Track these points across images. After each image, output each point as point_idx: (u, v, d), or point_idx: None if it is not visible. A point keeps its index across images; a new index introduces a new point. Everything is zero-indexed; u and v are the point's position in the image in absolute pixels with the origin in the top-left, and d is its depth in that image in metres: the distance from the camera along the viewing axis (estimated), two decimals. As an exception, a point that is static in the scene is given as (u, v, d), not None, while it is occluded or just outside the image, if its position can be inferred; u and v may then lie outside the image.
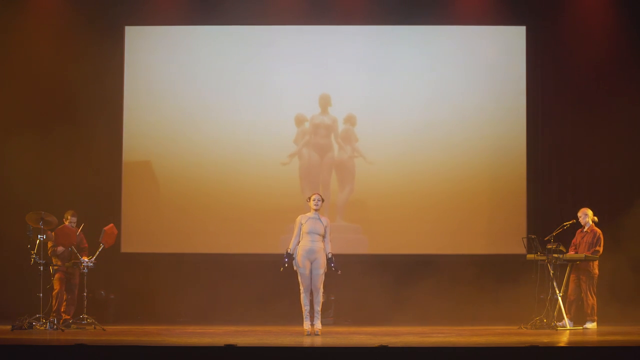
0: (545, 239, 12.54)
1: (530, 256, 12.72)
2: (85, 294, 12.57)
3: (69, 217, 12.87)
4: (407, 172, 14.79)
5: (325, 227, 11.40)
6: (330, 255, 11.37)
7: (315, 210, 11.42)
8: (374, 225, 14.78)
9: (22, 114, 14.54)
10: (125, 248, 14.78)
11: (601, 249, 12.72)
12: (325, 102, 14.89)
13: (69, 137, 14.56)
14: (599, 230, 12.78)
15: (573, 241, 12.90)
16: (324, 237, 11.37)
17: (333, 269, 11.37)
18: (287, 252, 11.40)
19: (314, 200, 11.42)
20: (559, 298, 12.40)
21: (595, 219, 12.85)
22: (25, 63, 14.74)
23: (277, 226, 14.55)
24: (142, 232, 14.85)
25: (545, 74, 14.86)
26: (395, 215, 14.73)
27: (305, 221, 11.42)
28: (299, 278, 11.40)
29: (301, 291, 11.37)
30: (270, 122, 14.87)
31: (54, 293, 12.61)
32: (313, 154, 14.87)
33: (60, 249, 12.65)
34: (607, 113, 14.72)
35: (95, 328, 12.34)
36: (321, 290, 11.39)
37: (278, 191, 14.78)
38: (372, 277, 14.46)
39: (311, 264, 11.33)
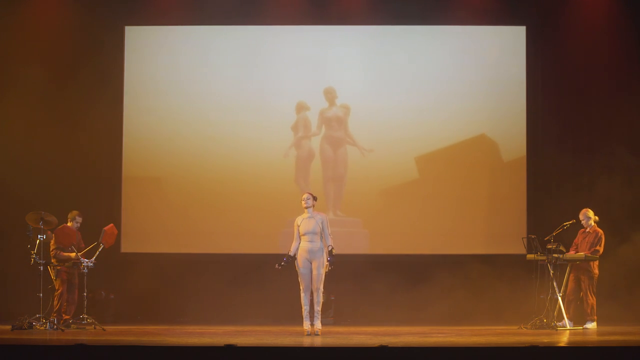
0: (545, 239, 12.53)
1: (530, 256, 12.71)
2: (85, 294, 12.56)
3: (75, 217, 12.84)
4: (406, 171, 14.78)
5: (322, 223, 11.39)
6: (330, 248, 11.35)
7: (306, 208, 11.43)
8: (374, 222, 14.76)
9: (22, 114, 14.53)
10: (125, 248, 14.77)
11: (601, 249, 12.70)
12: (331, 96, 14.86)
13: (69, 137, 14.56)
14: (600, 231, 12.77)
15: (575, 241, 12.88)
16: (321, 234, 11.38)
17: (328, 261, 11.34)
18: (288, 254, 11.43)
19: (304, 200, 11.44)
20: (559, 298, 12.40)
21: (597, 218, 12.84)
22: (25, 63, 14.71)
23: (278, 227, 14.53)
24: (142, 232, 14.84)
25: (545, 74, 14.86)
26: (395, 214, 14.72)
27: (300, 222, 11.44)
28: (299, 278, 11.41)
29: (301, 290, 11.38)
30: (271, 121, 14.85)
31: (56, 294, 12.58)
32: (326, 147, 14.87)
33: (63, 254, 12.57)
34: (607, 113, 14.71)
35: (95, 328, 12.33)
36: (321, 290, 11.39)
37: (279, 191, 14.76)
38: (372, 277, 14.46)
39: (311, 264, 11.34)
